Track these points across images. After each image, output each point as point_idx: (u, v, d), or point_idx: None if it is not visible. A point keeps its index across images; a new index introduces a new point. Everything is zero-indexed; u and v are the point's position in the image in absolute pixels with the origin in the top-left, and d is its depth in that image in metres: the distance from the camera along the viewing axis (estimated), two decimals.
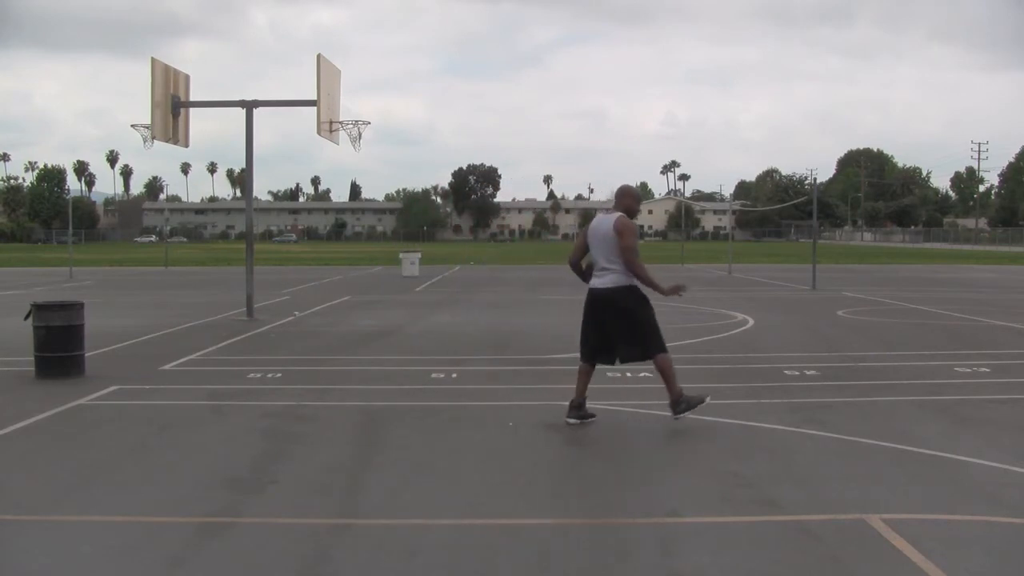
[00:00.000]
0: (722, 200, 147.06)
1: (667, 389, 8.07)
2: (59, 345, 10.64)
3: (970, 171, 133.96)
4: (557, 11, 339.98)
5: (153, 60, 17.68)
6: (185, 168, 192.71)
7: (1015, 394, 9.83)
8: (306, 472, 6.83)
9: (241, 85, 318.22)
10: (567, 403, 8.28)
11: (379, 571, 4.88)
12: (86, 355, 11.16)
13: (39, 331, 10.62)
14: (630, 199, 8.17)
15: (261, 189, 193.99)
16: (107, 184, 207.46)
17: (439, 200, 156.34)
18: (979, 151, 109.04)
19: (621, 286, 7.91)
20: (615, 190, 8.29)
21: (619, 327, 7.98)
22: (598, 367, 8.36)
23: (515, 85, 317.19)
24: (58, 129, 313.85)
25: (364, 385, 10.66)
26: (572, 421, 8.14)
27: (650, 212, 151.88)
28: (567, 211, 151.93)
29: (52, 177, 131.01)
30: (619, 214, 8.03)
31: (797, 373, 11.10)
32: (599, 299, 8.01)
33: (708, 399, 8.23)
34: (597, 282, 8.04)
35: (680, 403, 8.06)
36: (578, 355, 8.35)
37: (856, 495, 6.06)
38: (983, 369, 11.37)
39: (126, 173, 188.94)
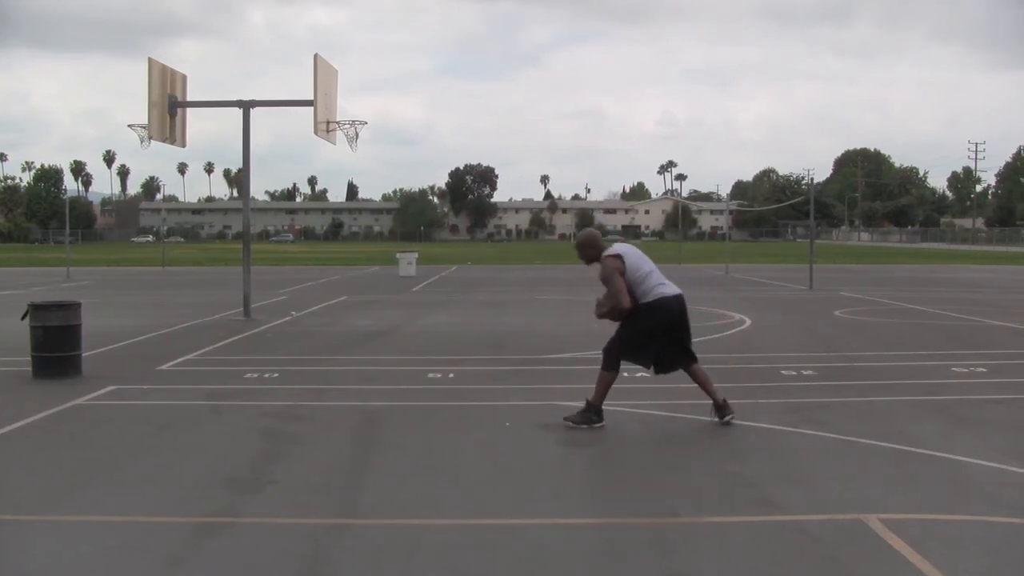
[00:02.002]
0: (719, 200, 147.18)
1: (708, 393, 8.26)
2: (56, 345, 10.63)
3: (967, 171, 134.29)
4: (556, 11, 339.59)
5: (150, 60, 17.67)
6: (182, 168, 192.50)
7: (1012, 394, 9.84)
8: (305, 472, 6.83)
9: (239, 85, 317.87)
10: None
11: (379, 571, 4.88)
12: (83, 355, 11.15)
13: (36, 331, 10.61)
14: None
15: (258, 189, 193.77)
16: (104, 184, 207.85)
17: (436, 200, 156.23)
18: (976, 151, 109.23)
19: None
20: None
21: (684, 334, 8.23)
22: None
23: (513, 85, 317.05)
24: (55, 129, 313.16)
25: (362, 385, 10.65)
26: (600, 424, 8.10)
27: (647, 212, 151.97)
28: (564, 211, 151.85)
29: (49, 177, 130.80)
30: None
31: (794, 373, 11.11)
32: (681, 306, 8.12)
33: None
34: (672, 289, 8.13)
35: (724, 410, 8.17)
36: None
37: (854, 495, 6.07)
38: (980, 369, 11.38)
39: (123, 173, 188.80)
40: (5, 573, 4.88)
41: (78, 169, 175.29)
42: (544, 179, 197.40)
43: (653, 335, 8.10)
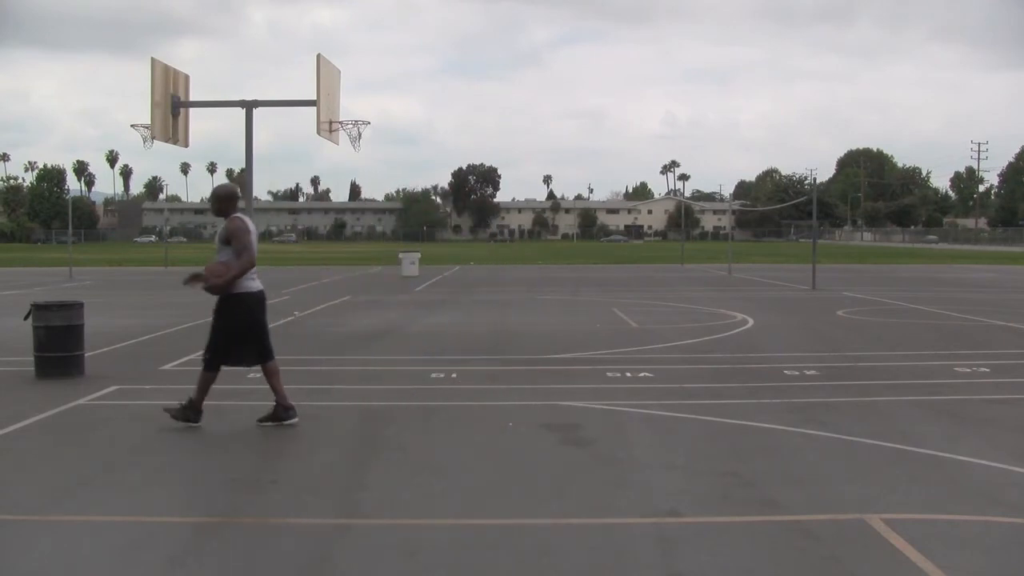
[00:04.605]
0: (722, 200, 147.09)
1: (277, 392, 8.22)
2: (59, 345, 10.64)
3: (970, 171, 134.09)
4: (556, 10, 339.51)
5: (153, 60, 17.65)
6: (185, 168, 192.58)
7: (1014, 394, 9.84)
8: (306, 472, 6.83)
9: (240, 85, 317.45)
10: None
11: (379, 571, 4.88)
12: (86, 355, 11.16)
13: (39, 331, 10.62)
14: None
15: (261, 189, 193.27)
16: (107, 184, 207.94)
17: (439, 200, 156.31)
18: (979, 151, 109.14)
19: None
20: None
21: (264, 331, 8.33)
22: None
23: (514, 85, 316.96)
24: (57, 129, 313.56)
25: (364, 385, 10.66)
26: (198, 424, 8.12)
27: (650, 212, 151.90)
28: (567, 211, 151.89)
29: (52, 177, 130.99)
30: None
31: (797, 373, 11.10)
32: (265, 303, 8.30)
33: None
34: (260, 284, 8.25)
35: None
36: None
37: (856, 495, 6.06)
38: (983, 369, 11.37)
39: (126, 173, 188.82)
40: (5, 573, 4.89)
41: (81, 169, 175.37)
42: (547, 179, 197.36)
43: (251, 328, 8.14)
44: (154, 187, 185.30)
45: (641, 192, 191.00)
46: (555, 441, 7.73)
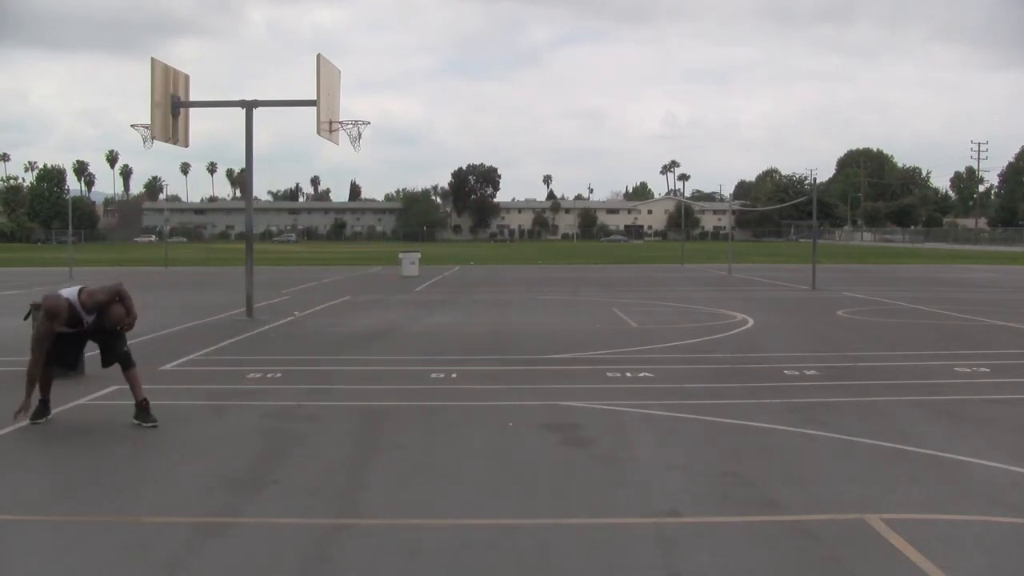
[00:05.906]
0: (722, 200, 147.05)
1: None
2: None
3: (970, 171, 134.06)
4: (556, 10, 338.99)
5: (153, 60, 17.69)
6: (185, 168, 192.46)
7: (1014, 394, 9.84)
8: (306, 472, 6.83)
9: (240, 85, 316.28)
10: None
11: (379, 571, 4.88)
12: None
13: None
14: None
15: (261, 189, 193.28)
16: (107, 184, 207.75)
17: (439, 200, 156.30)
18: (979, 151, 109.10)
19: None
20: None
21: None
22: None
23: (514, 85, 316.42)
24: (57, 129, 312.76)
25: (364, 385, 10.66)
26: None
27: (650, 212, 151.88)
28: (567, 211, 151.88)
29: (52, 177, 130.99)
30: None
31: (797, 373, 11.10)
32: None
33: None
34: None
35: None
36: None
37: (856, 495, 6.06)
38: (983, 369, 11.37)
39: (126, 173, 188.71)
40: (5, 573, 4.89)
41: (81, 169, 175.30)
42: (547, 179, 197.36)
43: None
44: (154, 187, 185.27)
45: (641, 192, 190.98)
46: (555, 441, 7.73)
